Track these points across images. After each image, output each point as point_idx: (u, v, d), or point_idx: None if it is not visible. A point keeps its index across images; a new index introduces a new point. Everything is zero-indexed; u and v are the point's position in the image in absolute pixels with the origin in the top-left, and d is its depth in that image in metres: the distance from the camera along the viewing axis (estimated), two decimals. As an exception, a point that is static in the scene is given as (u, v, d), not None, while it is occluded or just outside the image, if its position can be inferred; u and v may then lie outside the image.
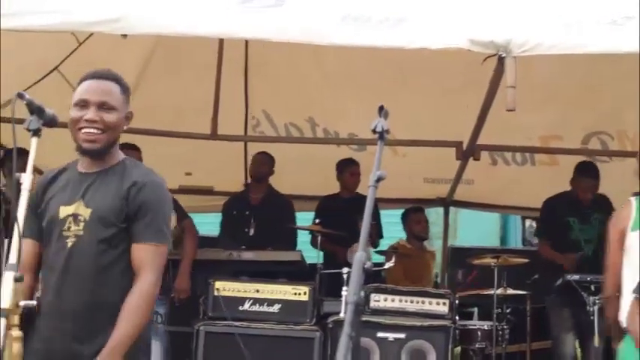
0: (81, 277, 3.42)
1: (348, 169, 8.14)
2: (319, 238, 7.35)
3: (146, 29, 4.86)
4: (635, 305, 3.28)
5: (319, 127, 8.60)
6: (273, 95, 8.40)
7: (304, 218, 8.19)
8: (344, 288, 3.49)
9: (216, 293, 6.40)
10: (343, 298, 3.14)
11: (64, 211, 3.46)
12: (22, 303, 3.07)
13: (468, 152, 7.36)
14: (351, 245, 7.71)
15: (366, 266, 2.70)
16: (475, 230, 12.82)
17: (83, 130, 3.44)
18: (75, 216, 3.44)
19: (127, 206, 3.45)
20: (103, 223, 3.44)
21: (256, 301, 6.44)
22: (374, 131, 3.18)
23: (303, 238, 7.98)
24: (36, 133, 3.19)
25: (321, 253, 7.47)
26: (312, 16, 4.90)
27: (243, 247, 7.19)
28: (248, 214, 7.80)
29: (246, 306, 6.42)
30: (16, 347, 3.05)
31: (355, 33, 4.73)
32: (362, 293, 2.68)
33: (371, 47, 4.81)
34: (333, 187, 8.28)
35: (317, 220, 7.60)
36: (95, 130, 3.44)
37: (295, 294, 6.44)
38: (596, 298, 6.44)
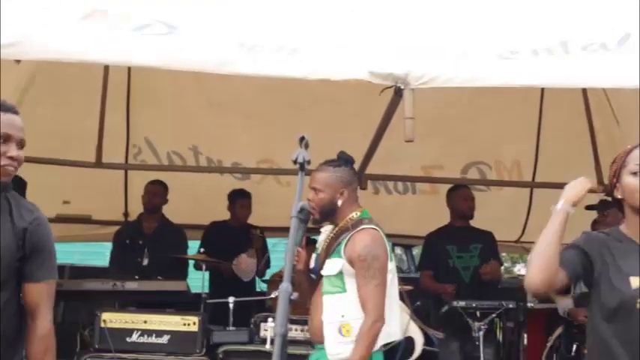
0: None
1: (238, 201, 8.10)
2: (203, 266, 7.29)
3: (41, 55, 4.74)
4: None
5: (202, 156, 8.55)
6: (156, 123, 8.32)
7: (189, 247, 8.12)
8: (269, 320, 3.47)
9: (102, 325, 6.25)
10: (269, 330, 3.11)
11: None
12: None
13: (356, 182, 7.43)
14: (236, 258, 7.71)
15: (292, 297, 2.69)
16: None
17: (6, 167, 3.36)
18: None
19: (22, 247, 3.38)
20: (6, 266, 3.35)
21: (144, 332, 6.31)
22: (295, 162, 3.16)
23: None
24: None
25: (207, 283, 7.39)
26: (207, 45, 4.88)
27: (137, 277, 7.04)
28: (141, 243, 7.65)
29: (134, 337, 6.29)
30: None
31: (253, 62, 4.73)
32: (288, 325, 2.68)
33: (271, 77, 4.82)
34: (216, 215, 8.22)
35: (202, 250, 7.54)
36: (13, 168, 3.39)
37: (184, 324, 6.34)
38: (482, 324, 6.62)
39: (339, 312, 4.39)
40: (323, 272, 4.46)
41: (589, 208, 7.03)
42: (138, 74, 7.69)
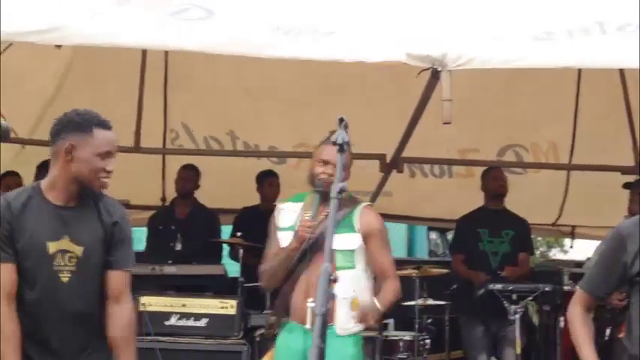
0: (79, 311, 3.65)
1: (266, 180, 8.12)
2: (240, 250, 7.31)
3: (80, 40, 4.81)
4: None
5: (239, 140, 8.57)
6: (193, 108, 8.36)
7: (223, 231, 8.18)
8: (309, 299, 3.49)
9: (142, 308, 6.32)
10: (309, 310, 3.14)
11: (53, 246, 3.59)
12: None
13: (392, 165, 7.44)
14: None
15: (332, 277, 2.71)
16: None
17: (102, 179, 3.65)
18: (64, 252, 3.61)
19: (110, 241, 3.70)
20: (95, 259, 3.66)
21: (183, 315, 6.39)
22: (334, 143, 3.18)
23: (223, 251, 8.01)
24: None
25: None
26: (244, 29, 4.91)
27: (170, 261, 7.10)
28: (174, 228, 7.72)
29: (173, 321, 6.37)
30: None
31: (289, 45, 4.77)
32: (329, 305, 2.70)
33: (308, 60, 4.85)
34: (253, 199, 8.25)
35: (238, 234, 7.58)
36: (109, 181, 3.70)
37: (222, 308, 6.41)
38: (518, 307, 6.61)
39: (351, 287, 4.44)
40: (337, 246, 4.26)
41: (626, 186, 7.01)
42: (175, 59, 7.73)
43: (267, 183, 8.13)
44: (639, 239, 3.33)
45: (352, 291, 4.44)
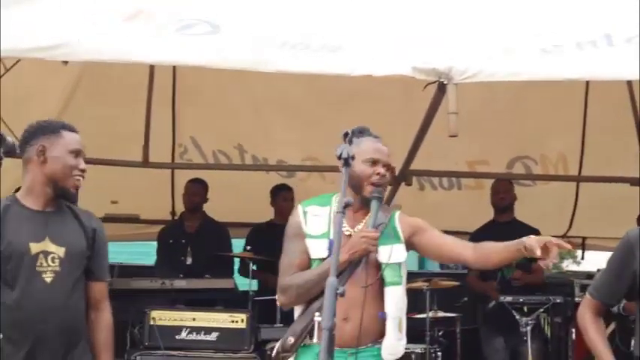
0: (63, 311, 3.74)
1: (280, 194, 8.12)
2: (250, 265, 7.31)
3: (87, 56, 4.82)
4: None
5: (248, 154, 8.58)
6: (202, 122, 8.38)
7: (233, 245, 8.18)
8: (316, 314, 3.34)
9: (152, 322, 6.34)
10: (316, 324, 3.04)
11: (35, 247, 3.69)
12: None
13: (401, 177, 7.43)
14: None
15: (338, 292, 2.71)
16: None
17: (76, 177, 3.85)
18: (46, 253, 3.70)
19: (91, 247, 3.88)
20: (77, 260, 3.81)
21: (193, 329, 6.40)
22: (339, 157, 3.17)
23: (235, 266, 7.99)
24: None
25: (255, 280, 7.43)
26: (251, 43, 4.91)
27: (181, 275, 7.10)
28: (184, 242, 7.74)
29: (183, 335, 6.37)
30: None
31: (296, 60, 4.77)
32: (335, 319, 2.70)
33: (313, 74, 4.85)
34: (262, 213, 8.25)
35: (248, 247, 7.59)
36: (82, 179, 3.90)
37: (232, 321, 6.42)
38: (529, 319, 6.59)
39: (400, 306, 3.98)
40: (389, 260, 3.91)
41: None
42: (183, 74, 7.76)
43: (282, 197, 8.10)
44: None
45: (400, 310, 3.97)
